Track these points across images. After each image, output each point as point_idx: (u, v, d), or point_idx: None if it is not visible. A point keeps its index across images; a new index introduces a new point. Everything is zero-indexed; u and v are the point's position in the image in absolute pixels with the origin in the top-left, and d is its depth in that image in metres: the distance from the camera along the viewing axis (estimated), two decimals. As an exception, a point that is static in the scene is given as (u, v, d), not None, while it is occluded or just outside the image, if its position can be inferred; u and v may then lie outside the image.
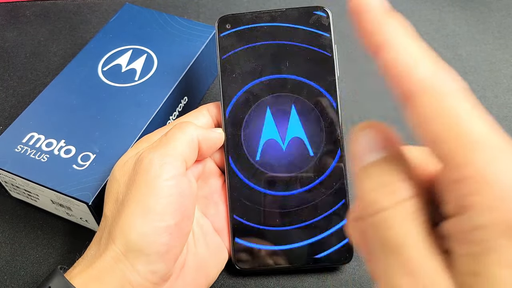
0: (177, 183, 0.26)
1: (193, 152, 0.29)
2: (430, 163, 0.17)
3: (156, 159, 0.27)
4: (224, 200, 0.32)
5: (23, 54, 0.47)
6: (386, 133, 0.17)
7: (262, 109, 0.32)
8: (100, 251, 0.26)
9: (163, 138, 0.28)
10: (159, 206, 0.26)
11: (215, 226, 0.32)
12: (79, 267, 0.26)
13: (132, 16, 0.42)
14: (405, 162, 0.16)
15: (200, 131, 0.29)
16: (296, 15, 0.33)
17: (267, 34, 0.33)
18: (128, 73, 0.37)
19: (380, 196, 0.15)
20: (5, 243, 0.34)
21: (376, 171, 0.15)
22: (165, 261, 0.26)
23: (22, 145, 0.33)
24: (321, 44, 0.33)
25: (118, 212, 0.26)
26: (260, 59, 0.33)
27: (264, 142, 0.32)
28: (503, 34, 0.50)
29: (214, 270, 0.31)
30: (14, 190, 0.34)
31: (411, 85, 0.15)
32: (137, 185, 0.26)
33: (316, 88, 0.32)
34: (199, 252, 0.30)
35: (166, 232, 0.25)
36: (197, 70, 0.39)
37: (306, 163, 0.31)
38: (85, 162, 0.32)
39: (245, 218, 0.31)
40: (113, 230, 0.26)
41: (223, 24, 0.33)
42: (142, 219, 0.25)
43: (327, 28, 0.33)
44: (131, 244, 0.25)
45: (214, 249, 0.31)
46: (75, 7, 0.52)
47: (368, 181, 0.15)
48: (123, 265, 0.25)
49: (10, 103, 0.43)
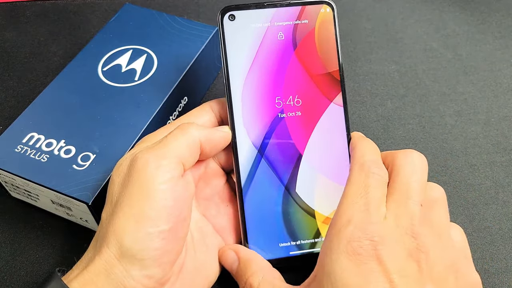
0: (172, 186, 0.26)
1: (193, 154, 0.28)
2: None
3: (151, 161, 0.26)
4: (229, 201, 0.32)
5: (23, 54, 0.47)
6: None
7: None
8: (95, 255, 0.25)
9: (163, 139, 0.28)
10: (152, 211, 0.25)
11: (216, 227, 0.31)
12: (77, 270, 0.25)
13: (132, 16, 0.42)
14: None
15: (203, 131, 0.28)
16: (300, 8, 0.32)
17: (272, 29, 0.32)
18: (128, 73, 0.37)
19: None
20: (5, 243, 0.34)
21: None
22: (161, 265, 0.25)
23: (22, 145, 0.32)
24: (326, 38, 0.32)
25: (111, 214, 0.26)
26: (264, 54, 0.32)
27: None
28: (503, 34, 0.50)
29: (214, 271, 0.30)
30: (14, 190, 0.34)
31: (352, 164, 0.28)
32: (130, 187, 0.26)
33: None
34: (199, 254, 0.29)
35: (160, 237, 0.25)
36: (197, 70, 0.39)
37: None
38: (85, 162, 0.32)
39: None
40: (107, 233, 0.25)
41: (227, 15, 0.32)
42: (135, 224, 0.25)
43: (331, 22, 0.33)
44: (124, 249, 0.24)
45: (215, 250, 0.30)
46: (75, 7, 0.52)
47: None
48: (117, 269, 0.24)
49: (10, 103, 0.43)
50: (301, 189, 0.32)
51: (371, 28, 0.50)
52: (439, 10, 0.52)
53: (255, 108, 0.32)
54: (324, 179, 0.32)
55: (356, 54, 0.47)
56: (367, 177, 0.26)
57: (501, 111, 0.43)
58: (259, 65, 0.32)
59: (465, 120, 0.42)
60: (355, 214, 0.25)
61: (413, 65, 0.46)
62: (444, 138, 0.41)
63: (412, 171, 0.26)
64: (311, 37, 0.32)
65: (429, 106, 0.43)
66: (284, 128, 0.32)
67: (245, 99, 0.31)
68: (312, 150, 0.32)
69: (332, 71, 0.32)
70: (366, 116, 0.42)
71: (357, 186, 0.26)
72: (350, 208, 0.25)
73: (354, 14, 0.52)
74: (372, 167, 0.26)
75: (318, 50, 0.32)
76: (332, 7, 0.33)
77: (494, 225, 0.35)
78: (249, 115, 0.31)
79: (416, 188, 0.26)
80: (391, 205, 0.25)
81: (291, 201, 0.31)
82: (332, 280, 0.23)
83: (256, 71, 0.32)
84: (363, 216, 0.24)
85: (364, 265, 0.23)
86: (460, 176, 0.38)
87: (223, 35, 0.31)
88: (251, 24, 0.32)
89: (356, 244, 0.24)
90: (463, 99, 0.44)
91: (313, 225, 0.31)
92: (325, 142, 0.32)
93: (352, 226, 0.24)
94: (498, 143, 0.40)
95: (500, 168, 0.39)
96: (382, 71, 0.46)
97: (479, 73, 0.46)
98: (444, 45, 0.48)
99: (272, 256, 0.31)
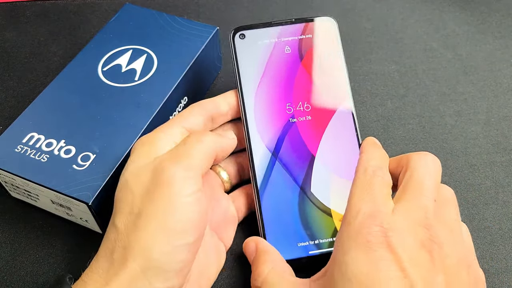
0: (198, 199, 0.26)
1: (210, 163, 0.28)
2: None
3: (178, 173, 0.26)
4: (220, 197, 0.33)
5: (23, 54, 0.47)
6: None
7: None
8: (115, 267, 0.25)
9: (182, 148, 0.27)
10: (180, 224, 0.25)
11: (212, 225, 0.31)
12: (91, 283, 0.25)
13: (132, 16, 0.42)
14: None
15: (217, 140, 0.29)
16: (304, 24, 0.36)
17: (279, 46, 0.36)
18: (128, 73, 0.37)
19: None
20: (5, 243, 0.34)
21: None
22: (180, 276, 0.25)
23: (22, 145, 0.32)
24: (330, 49, 0.36)
25: (134, 226, 0.25)
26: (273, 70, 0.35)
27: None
28: (503, 34, 0.50)
29: (214, 270, 0.30)
30: (14, 190, 0.34)
31: (357, 168, 0.27)
32: (157, 199, 0.25)
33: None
34: (201, 257, 0.29)
35: (186, 250, 0.25)
36: (197, 70, 0.39)
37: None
38: (85, 162, 0.32)
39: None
40: (131, 246, 0.25)
41: (238, 34, 0.36)
42: (164, 238, 0.24)
43: (334, 35, 0.36)
44: (152, 263, 0.24)
45: (212, 249, 0.31)
46: (75, 7, 0.52)
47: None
48: (140, 282, 0.24)
49: (10, 103, 0.43)
50: (316, 189, 0.33)
51: (371, 28, 0.50)
52: (439, 10, 0.52)
53: (267, 115, 0.34)
54: (338, 178, 0.33)
55: (356, 54, 0.47)
56: (372, 178, 0.26)
57: (501, 111, 0.43)
58: (269, 76, 0.35)
59: (465, 120, 0.42)
60: (363, 206, 0.24)
61: (413, 65, 0.46)
62: (444, 138, 0.41)
63: (426, 172, 0.26)
64: (316, 49, 0.35)
65: (429, 106, 0.43)
66: (296, 132, 0.34)
67: (257, 107, 0.34)
68: (324, 151, 0.33)
69: (338, 78, 0.35)
70: (366, 116, 0.42)
71: (362, 185, 0.26)
72: (357, 204, 0.25)
73: (354, 14, 0.52)
74: (376, 171, 0.26)
75: (323, 60, 0.35)
76: (333, 22, 0.36)
77: (494, 225, 0.35)
78: (262, 121, 0.34)
79: (430, 186, 0.26)
80: (402, 202, 0.25)
81: (307, 201, 0.32)
82: (343, 271, 0.23)
83: (266, 82, 0.35)
84: (371, 206, 0.24)
85: (374, 252, 0.22)
86: (460, 176, 0.38)
87: (235, 52, 0.35)
88: (259, 41, 0.36)
89: (365, 231, 0.23)
90: (463, 99, 0.44)
91: (330, 224, 0.32)
92: (336, 143, 0.34)
93: (361, 216, 0.24)
94: (498, 143, 0.40)
95: (500, 168, 0.39)
96: (382, 71, 0.46)
97: (479, 73, 0.46)
98: (444, 45, 0.48)
99: (292, 256, 0.31)
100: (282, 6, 0.52)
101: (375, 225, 0.23)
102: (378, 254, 0.22)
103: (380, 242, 0.23)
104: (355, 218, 0.24)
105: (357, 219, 0.24)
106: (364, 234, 0.23)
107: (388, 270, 0.22)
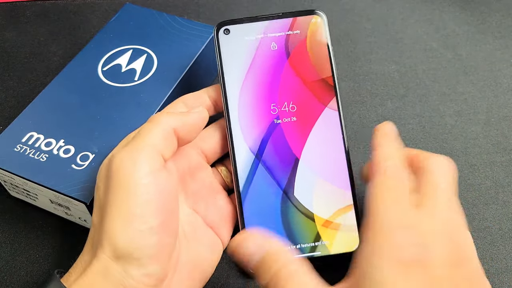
0: (154, 179, 0.25)
1: (169, 142, 0.27)
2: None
3: (126, 159, 0.25)
4: (216, 193, 0.33)
5: (23, 54, 0.47)
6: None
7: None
8: (92, 257, 0.25)
9: (136, 135, 0.27)
10: (138, 208, 0.25)
11: (207, 220, 0.31)
12: (75, 274, 0.25)
13: (132, 16, 0.42)
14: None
15: (174, 117, 0.28)
16: (292, 19, 0.34)
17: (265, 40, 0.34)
18: (128, 73, 0.37)
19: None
20: (5, 243, 0.34)
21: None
22: (159, 261, 0.25)
23: (22, 144, 0.33)
24: (318, 46, 0.34)
25: (101, 218, 0.26)
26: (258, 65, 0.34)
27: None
28: (503, 34, 0.50)
29: (210, 264, 0.30)
30: (13, 189, 0.34)
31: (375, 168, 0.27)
32: (112, 188, 0.25)
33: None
34: (192, 248, 0.29)
35: (151, 233, 0.25)
36: (197, 70, 0.39)
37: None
38: (84, 162, 0.32)
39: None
40: (100, 238, 0.25)
41: (222, 29, 0.34)
42: (124, 224, 0.24)
43: (322, 31, 0.34)
44: (119, 251, 0.24)
45: (207, 243, 0.30)
46: (75, 7, 0.52)
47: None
48: (115, 271, 0.24)
49: (9, 103, 0.43)
50: (299, 193, 0.32)
51: (371, 28, 0.50)
52: (439, 10, 0.52)
53: (251, 115, 0.33)
54: (322, 182, 0.32)
55: (356, 54, 0.47)
56: (394, 181, 0.26)
57: (501, 111, 0.43)
58: (253, 74, 0.33)
59: (465, 120, 0.42)
60: (389, 215, 0.24)
61: (413, 65, 0.46)
62: (444, 138, 0.41)
63: (445, 181, 0.26)
64: (303, 46, 0.34)
65: (429, 106, 0.43)
66: (280, 133, 0.32)
67: (241, 106, 0.33)
68: (309, 153, 0.32)
69: (326, 77, 0.33)
70: (366, 116, 0.42)
71: (384, 189, 0.26)
72: (382, 211, 0.25)
73: (354, 14, 0.52)
74: (397, 173, 0.26)
75: (310, 58, 0.34)
76: (322, 17, 0.34)
77: (494, 225, 0.35)
78: (246, 122, 0.32)
79: (448, 189, 0.26)
80: (425, 209, 0.25)
81: (290, 205, 0.31)
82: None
83: (251, 80, 0.33)
84: (399, 215, 0.24)
85: (411, 273, 0.22)
86: (460, 176, 0.38)
87: (218, 48, 0.33)
88: (245, 37, 0.34)
89: (397, 245, 0.23)
90: (463, 99, 0.44)
91: (312, 228, 0.31)
92: (322, 145, 0.32)
93: (388, 226, 0.24)
94: (498, 143, 0.40)
95: (500, 168, 0.39)
96: (382, 71, 0.46)
97: (479, 73, 0.46)
98: (444, 45, 0.48)
99: None
100: (281, 6, 0.52)
101: (407, 239, 0.23)
102: (415, 276, 0.22)
103: (417, 261, 0.23)
104: (381, 227, 0.24)
105: (384, 229, 0.24)
106: (397, 249, 0.23)
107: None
